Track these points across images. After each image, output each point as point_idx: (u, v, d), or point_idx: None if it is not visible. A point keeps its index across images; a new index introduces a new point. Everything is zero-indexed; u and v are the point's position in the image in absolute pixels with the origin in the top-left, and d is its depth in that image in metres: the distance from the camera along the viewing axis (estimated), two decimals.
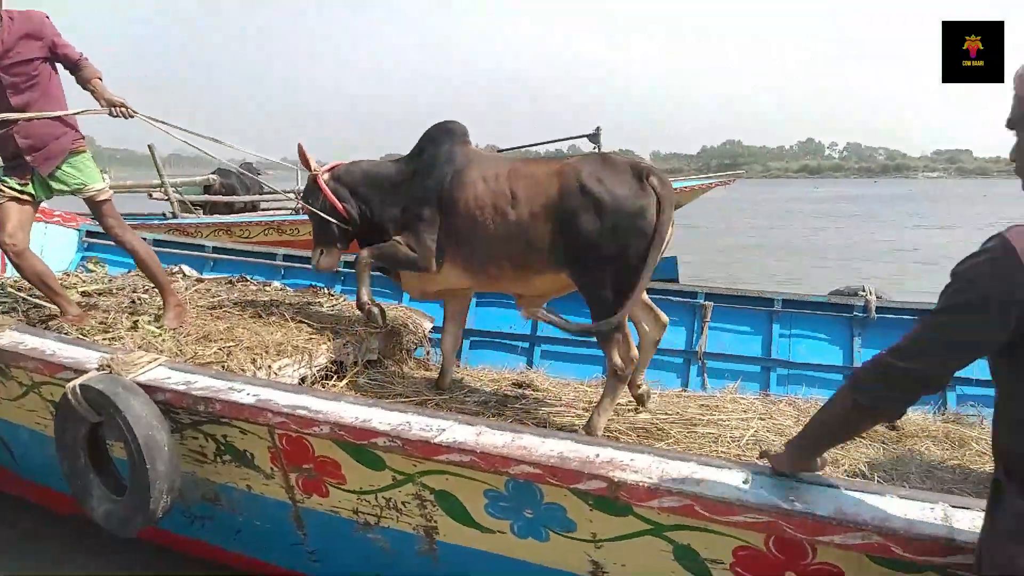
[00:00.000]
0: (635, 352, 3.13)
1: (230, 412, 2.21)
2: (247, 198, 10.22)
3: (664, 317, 3.36)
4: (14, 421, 2.86)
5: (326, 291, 4.59)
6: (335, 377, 3.61)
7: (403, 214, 3.43)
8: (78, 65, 3.44)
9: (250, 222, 8.73)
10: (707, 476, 1.77)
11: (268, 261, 5.27)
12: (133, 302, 4.06)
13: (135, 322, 3.57)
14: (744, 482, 1.74)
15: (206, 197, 10.03)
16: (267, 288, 4.60)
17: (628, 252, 2.87)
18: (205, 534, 2.81)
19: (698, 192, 9.95)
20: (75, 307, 3.62)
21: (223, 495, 2.58)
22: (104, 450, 2.43)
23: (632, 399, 3.35)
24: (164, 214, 9.22)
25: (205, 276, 4.99)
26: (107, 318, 3.62)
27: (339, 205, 3.53)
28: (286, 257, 5.29)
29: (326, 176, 3.59)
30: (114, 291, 4.32)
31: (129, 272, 5.03)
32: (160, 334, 3.42)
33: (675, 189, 8.87)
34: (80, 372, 2.35)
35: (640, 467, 1.80)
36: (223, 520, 2.70)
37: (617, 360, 3.00)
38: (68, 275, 4.83)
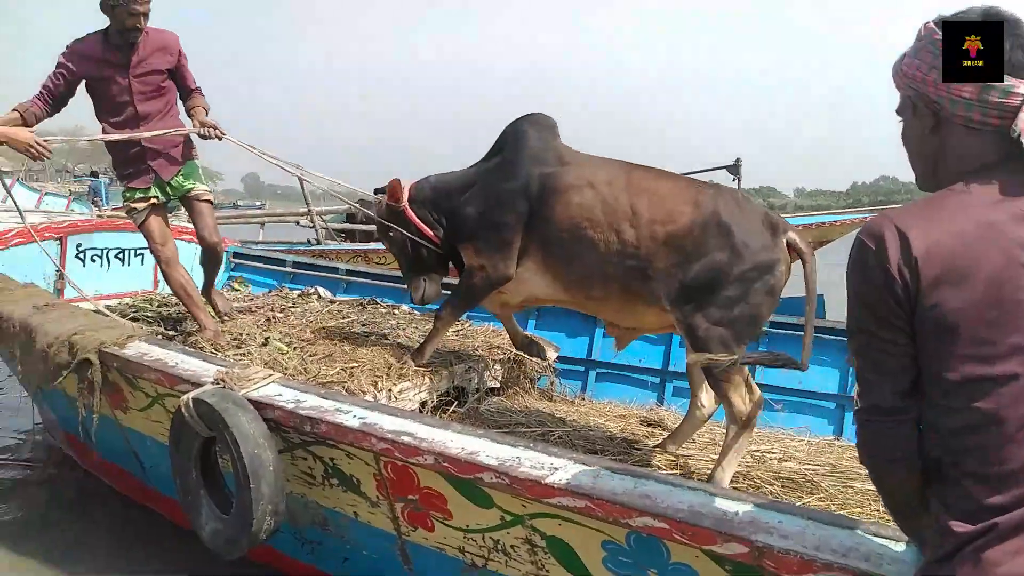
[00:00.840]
0: (758, 394, 2.70)
1: (335, 434, 2.10)
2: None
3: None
4: (142, 431, 2.92)
5: None
6: (456, 403, 3.50)
7: (478, 219, 3.07)
8: (192, 93, 3.68)
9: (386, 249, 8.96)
10: (877, 550, 1.43)
11: (398, 285, 5.28)
12: (268, 320, 4.15)
13: (266, 339, 3.62)
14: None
15: (348, 225, 10.44)
16: (395, 311, 4.61)
17: (747, 305, 2.58)
18: (315, 559, 2.73)
19: (849, 227, 9.19)
20: (212, 322, 3.74)
21: (331, 520, 2.48)
22: (216, 467, 2.40)
23: (772, 448, 2.99)
24: (309, 240, 9.72)
25: (338, 297, 5.08)
26: (242, 334, 3.71)
27: (428, 231, 3.28)
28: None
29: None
30: (253, 309, 4.46)
31: (270, 291, 5.22)
32: (287, 351, 3.45)
33: (823, 224, 8.18)
34: (196, 385, 2.34)
35: (790, 531, 1.49)
36: (331, 546, 2.60)
37: (740, 405, 2.61)
38: None
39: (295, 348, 3.50)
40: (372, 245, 9.41)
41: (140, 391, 2.71)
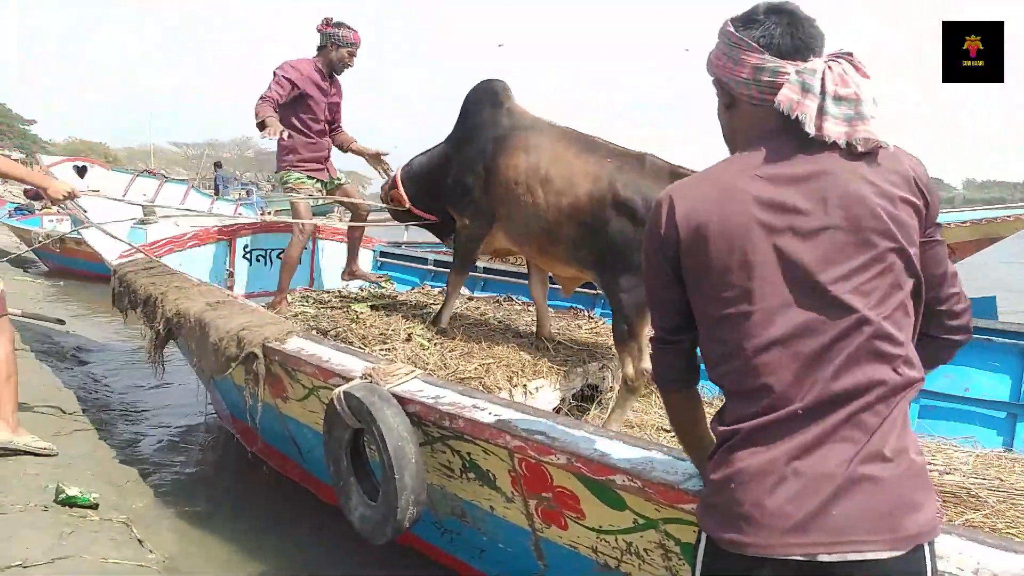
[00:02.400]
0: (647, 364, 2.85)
1: (472, 430, 2.18)
2: None
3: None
4: (300, 419, 3.15)
5: (586, 313, 4.54)
6: (590, 401, 3.51)
7: (454, 184, 3.53)
8: (336, 128, 4.88)
9: None
10: None
11: None
12: (412, 316, 4.35)
13: (409, 334, 3.79)
14: None
15: None
16: (530, 308, 4.67)
17: None
18: (454, 549, 2.84)
19: (1022, 223, 8.19)
20: (284, 307, 4.47)
21: (468, 512, 2.58)
22: (364, 456, 2.55)
23: (934, 459, 2.78)
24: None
25: (476, 295, 5.22)
26: (387, 329, 3.90)
27: (426, 215, 3.86)
28: (550, 279, 5.35)
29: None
30: (397, 306, 4.68)
31: (413, 288, 5.45)
32: (428, 347, 3.59)
33: (994, 219, 7.40)
34: (346, 379, 2.50)
35: (947, 552, 1.39)
36: (469, 537, 2.70)
37: (629, 370, 2.92)
38: (362, 290, 5.36)
39: (436, 344, 3.64)
40: None
41: (298, 383, 2.93)
